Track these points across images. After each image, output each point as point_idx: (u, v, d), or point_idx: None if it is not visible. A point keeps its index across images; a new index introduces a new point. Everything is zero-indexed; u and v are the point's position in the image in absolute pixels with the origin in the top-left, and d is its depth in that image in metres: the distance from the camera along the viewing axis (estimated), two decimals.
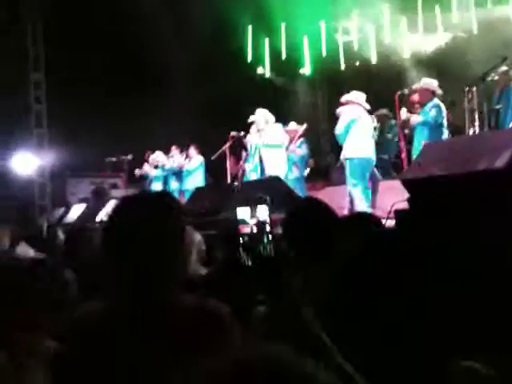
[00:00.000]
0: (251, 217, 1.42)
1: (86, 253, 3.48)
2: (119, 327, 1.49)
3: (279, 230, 1.52)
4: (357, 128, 6.99)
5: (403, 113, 7.09)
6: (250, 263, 1.39)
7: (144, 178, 11.70)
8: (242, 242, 1.39)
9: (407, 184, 4.20)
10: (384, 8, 11.45)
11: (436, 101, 6.93)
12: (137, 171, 11.62)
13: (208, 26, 10.86)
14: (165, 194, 1.70)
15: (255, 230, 1.37)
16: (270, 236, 1.40)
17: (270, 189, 4.94)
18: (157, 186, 11.13)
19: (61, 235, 4.68)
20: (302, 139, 9.13)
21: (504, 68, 6.95)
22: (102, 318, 1.50)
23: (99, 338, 1.47)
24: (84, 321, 1.52)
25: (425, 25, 10.98)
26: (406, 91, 7.64)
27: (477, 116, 6.95)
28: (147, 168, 11.59)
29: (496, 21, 9.46)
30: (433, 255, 1.35)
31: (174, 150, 11.24)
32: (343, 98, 7.35)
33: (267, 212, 1.42)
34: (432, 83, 7.15)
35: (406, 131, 7.92)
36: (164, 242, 1.53)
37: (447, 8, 10.52)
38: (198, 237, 3.11)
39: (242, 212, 1.42)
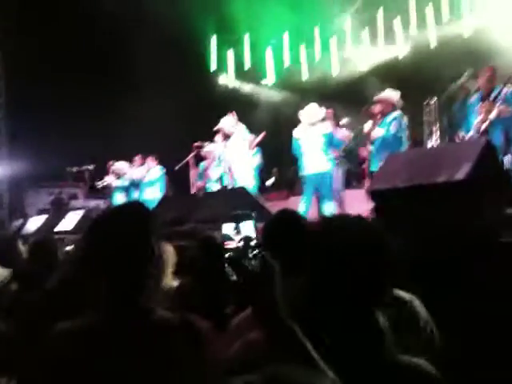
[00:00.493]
0: (236, 232, 1.41)
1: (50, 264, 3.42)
2: (96, 342, 1.48)
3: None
4: (303, 145, 7.34)
5: (367, 126, 7.18)
6: (235, 277, 1.40)
7: (106, 188, 11.52)
8: (227, 256, 1.39)
9: (372, 194, 4.29)
10: (346, 21, 11.72)
11: (396, 113, 7.00)
12: (99, 183, 11.43)
13: (173, 35, 10.84)
14: (141, 206, 1.69)
15: (240, 245, 1.37)
16: (257, 250, 1.40)
17: (237, 200, 4.95)
18: (119, 197, 10.98)
19: (21, 247, 4.57)
20: (256, 148, 8.73)
21: (462, 81, 7.20)
22: (78, 334, 1.49)
23: (77, 354, 1.45)
24: (60, 338, 1.49)
25: (385, 38, 11.27)
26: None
27: (434, 128, 7.17)
28: (109, 178, 11.42)
29: (452, 36, 9.78)
30: (396, 264, 1.40)
31: (138, 160, 11.11)
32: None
33: (253, 227, 1.43)
34: (392, 95, 7.23)
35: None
36: (142, 254, 1.53)
37: (406, 22, 10.82)
38: (170, 248, 3.09)
39: (227, 228, 1.42)
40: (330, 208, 6.98)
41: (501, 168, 4.13)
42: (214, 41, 12.68)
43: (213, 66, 13.00)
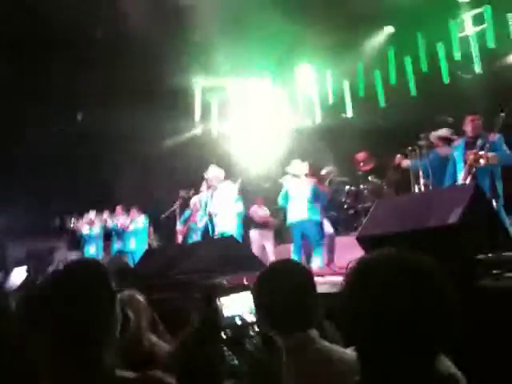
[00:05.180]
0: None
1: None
2: None
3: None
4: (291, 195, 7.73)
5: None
6: (236, 362, 1.27)
7: (80, 237, 11.37)
8: (225, 337, 1.25)
9: (362, 241, 4.22)
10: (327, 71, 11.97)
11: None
12: (71, 225, 11.25)
13: (156, 83, 10.94)
14: (93, 264, 1.62)
15: (238, 322, 1.25)
16: (256, 327, 1.27)
17: (228, 249, 4.85)
18: (92, 248, 10.88)
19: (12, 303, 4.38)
20: (237, 196, 8.58)
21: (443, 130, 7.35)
22: None
23: None
24: None
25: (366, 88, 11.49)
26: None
27: (420, 174, 7.20)
28: (82, 227, 11.26)
29: (434, 85, 10.01)
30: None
31: (119, 210, 11.00)
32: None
33: (251, 300, 1.30)
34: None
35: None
36: (97, 312, 1.45)
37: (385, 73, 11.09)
38: (142, 301, 2.96)
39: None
40: (318, 254, 6.95)
41: (492, 211, 4.11)
42: (198, 89, 12.79)
43: (197, 114, 13.07)
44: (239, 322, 1.30)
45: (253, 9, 9.19)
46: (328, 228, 7.83)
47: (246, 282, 3.37)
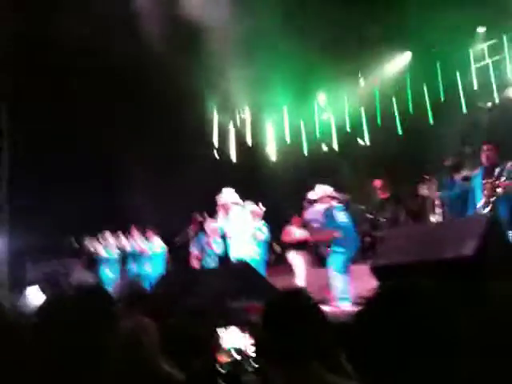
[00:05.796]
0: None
1: None
2: None
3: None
4: None
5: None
6: None
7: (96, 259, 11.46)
8: (223, 372, 1.24)
9: (375, 271, 4.21)
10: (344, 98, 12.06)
11: None
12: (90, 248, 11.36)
13: (173, 108, 11.11)
14: (94, 292, 1.63)
15: (237, 357, 1.24)
16: (255, 363, 1.27)
17: (241, 275, 4.86)
18: (108, 270, 10.92)
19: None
20: (263, 221, 8.67)
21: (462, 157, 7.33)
22: None
23: None
24: None
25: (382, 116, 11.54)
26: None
27: (437, 203, 7.17)
28: (99, 249, 11.34)
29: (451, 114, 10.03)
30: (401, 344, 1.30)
31: (134, 231, 11.07)
32: None
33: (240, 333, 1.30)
34: None
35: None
36: (92, 339, 1.47)
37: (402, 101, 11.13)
38: (151, 326, 2.96)
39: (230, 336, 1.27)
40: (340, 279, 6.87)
41: (508, 242, 4.07)
42: (215, 116, 12.95)
43: (215, 142, 13.20)
44: (238, 357, 1.31)
45: (267, 38, 9.32)
46: None
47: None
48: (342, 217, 7.38)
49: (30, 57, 10.27)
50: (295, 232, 9.40)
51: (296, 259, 9.09)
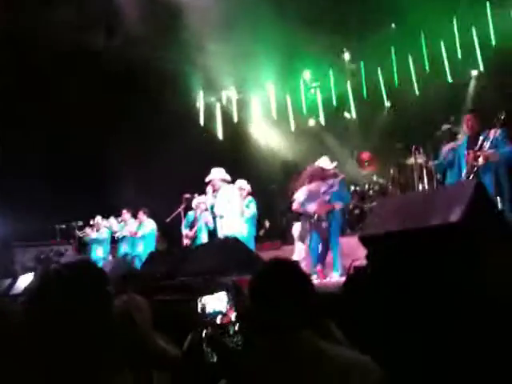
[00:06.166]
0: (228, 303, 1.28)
1: None
2: None
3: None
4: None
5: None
6: (215, 359, 1.28)
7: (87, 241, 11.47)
8: (205, 334, 1.25)
9: (365, 240, 4.22)
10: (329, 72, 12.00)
11: None
12: (79, 233, 11.37)
13: (161, 90, 11.00)
14: (88, 266, 1.60)
15: (219, 320, 1.25)
16: (237, 326, 1.28)
17: (230, 251, 4.85)
18: (98, 251, 10.94)
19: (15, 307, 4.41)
20: (250, 198, 8.70)
21: (447, 126, 7.30)
22: None
23: None
24: None
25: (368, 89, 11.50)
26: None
27: (424, 172, 7.20)
28: (88, 230, 11.36)
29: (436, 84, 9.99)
30: (390, 310, 1.32)
31: (126, 214, 11.04)
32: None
33: (227, 300, 1.30)
34: None
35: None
36: (91, 313, 1.45)
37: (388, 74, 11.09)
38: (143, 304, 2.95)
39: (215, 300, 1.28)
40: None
41: (495, 208, 4.08)
42: (201, 96, 12.86)
43: (201, 120, 13.14)
44: (220, 319, 1.31)
45: (250, 14, 9.21)
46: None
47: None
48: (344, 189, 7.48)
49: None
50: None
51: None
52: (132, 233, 10.62)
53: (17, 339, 2.28)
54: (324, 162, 7.41)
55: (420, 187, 7.05)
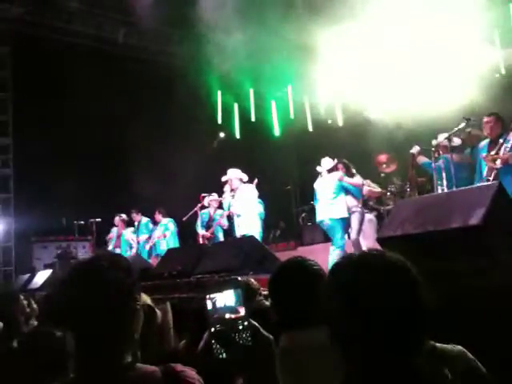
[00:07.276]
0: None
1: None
2: None
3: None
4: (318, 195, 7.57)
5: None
6: (224, 355, 1.28)
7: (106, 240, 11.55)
8: (213, 331, 1.25)
9: (381, 242, 4.18)
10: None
11: None
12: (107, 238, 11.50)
13: (177, 90, 11.01)
14: (117, 260, 1.59)
15: (228, 316, 1.26)
16: (246, 322, 1.28)
17: (248, 249, 4.85)
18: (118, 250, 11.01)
19: (23, 302, 4.46)
20: (258, 200, 8.66)
21: (468, 129, 7.22)
22: None
23: None
24: None
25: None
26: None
27: (444, 174, 7.10)
28: (114, 230, 11.45)
29: None
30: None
31: (135, 216, 11.12)
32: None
33: (236, 297, 1.30)
34: None
35: None
36: (114, 310, 1.45)
37: None
38: (166, 307, 2.96)
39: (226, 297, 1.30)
40: (335, 255, 6.85)
41: None
42: (219, 96, 12.86)
43: (219, 120, 13.14)
44: (229, 316, 1.30)
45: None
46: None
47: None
48: None
49: None
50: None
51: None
52: (160, 237, 10.63)
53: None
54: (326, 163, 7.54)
55: (439, 190, 6.96)
